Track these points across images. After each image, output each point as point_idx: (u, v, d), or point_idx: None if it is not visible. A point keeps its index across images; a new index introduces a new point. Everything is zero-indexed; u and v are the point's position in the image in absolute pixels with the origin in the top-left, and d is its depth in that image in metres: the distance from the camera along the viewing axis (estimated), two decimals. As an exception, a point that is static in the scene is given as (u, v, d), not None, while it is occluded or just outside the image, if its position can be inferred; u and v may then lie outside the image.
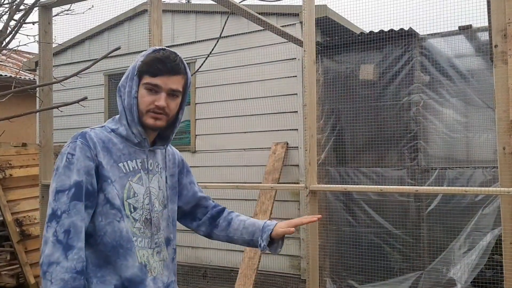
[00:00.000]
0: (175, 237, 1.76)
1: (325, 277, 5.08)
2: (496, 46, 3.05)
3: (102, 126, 1.63)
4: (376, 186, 3.73)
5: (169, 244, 1.71)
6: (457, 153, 4.74)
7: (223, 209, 1.88)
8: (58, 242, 1.43)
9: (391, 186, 3.84)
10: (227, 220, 1.85)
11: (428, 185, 4.63)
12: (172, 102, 1.59)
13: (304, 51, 2.84)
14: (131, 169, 1.60)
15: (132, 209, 1.56)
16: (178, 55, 1.61)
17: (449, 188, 3.41)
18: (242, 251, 5.08)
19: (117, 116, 1.65)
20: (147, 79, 1.56)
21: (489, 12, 3.14)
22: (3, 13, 3.16)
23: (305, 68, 2.80)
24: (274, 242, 1.77)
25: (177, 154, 1.83)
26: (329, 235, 5.15)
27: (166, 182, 1.71)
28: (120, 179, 1.56)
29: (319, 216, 1.87)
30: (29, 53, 12.40)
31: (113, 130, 1.61)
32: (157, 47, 1.62)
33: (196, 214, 1.88)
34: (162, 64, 1.55)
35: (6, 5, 3.13)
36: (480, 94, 4.53)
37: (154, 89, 1.56)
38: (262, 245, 1.74)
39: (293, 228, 1.74)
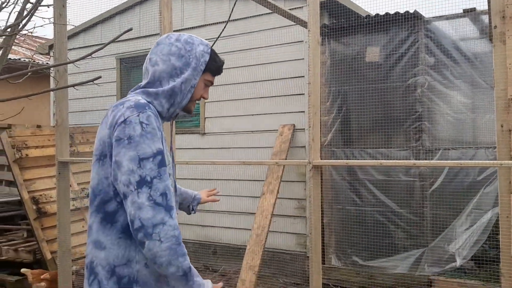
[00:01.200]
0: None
1: (330, 254, 5.23)
2: (495, 27, 3.14)
3: (140, 98, 1.66)
4: (376, 161, 3.86)
5: None
6: (460, 134, 4.84)
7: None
8: (157, 204, 1.48)
9: (390, 161, 3.96)
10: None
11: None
12: None
13: (309, 30, 2.95)
14: (165, 140, 1.71)
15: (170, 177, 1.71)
16: None
17: (446, 162, 3.53)
18: (250, 229, 5.24)
19: (151, 90, 1.68)
20: (209, 77, 1.77)
21: (489, -7, 3.21)
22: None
23: (309, 47, 2.92)
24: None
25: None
26: (334, 214, 5.29)
27: None
28: (165, 149, 1.68)
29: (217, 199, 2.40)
30: (41, 38, 12.58)
31: (149, 103, 1.66)
32: (210, 44, 1.78)
33: None
34: (222, 67, 1.79)
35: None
36: (484, 75, 4.61)
37: (208, 85, 1.79)
38: (192, 210, 2.24)
39: (218, 198, 2.40)
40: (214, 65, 1.75)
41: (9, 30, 3.21)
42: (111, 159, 1.56)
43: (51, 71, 4.89)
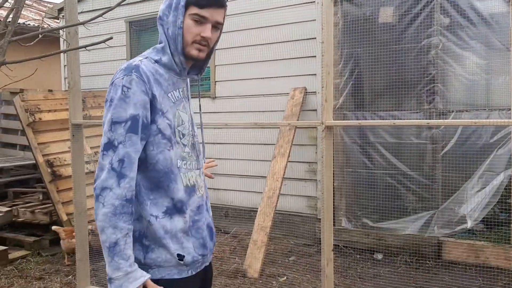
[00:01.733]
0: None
1: (341, 216, 5.29)
2: (515, -17, 3.06)
3: (146, 57, 1.66)
4: (389, 121, 3.84)
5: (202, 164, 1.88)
6: (474, 96, 4.78)
7: None
8: (112, 169, 1.53)
9: (403, 121, 3.94)
10: None
11: (444, 127, 4.71)
12: (214, 34, 1.65)
13: (322, -11, 2.89)
14: (177, 98, 1.69)
15: (181, 136, 1.68)
16: None
17: (460, 121, 3.51)
18: (261, 193, 5.30)
19: (159, 46, 1.68)
20: (194, 10, 1.59)
21: None
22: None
23: (323, 5, 2.87)
24: None
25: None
26: (345, 176, 5.32)
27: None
28: (171, 108, 1.65)
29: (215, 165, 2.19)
30: (49, 2, 12.49)
31: (157, 61, 1.65)
32: None
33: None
34: None
35: None
36: (500, 36, 4.51)
37: (201, 21, 1.59)
38: None
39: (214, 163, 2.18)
40: None
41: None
42: None
43: (61, 32, 4.87)
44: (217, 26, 1.64)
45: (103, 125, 1.59)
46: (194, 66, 1.77)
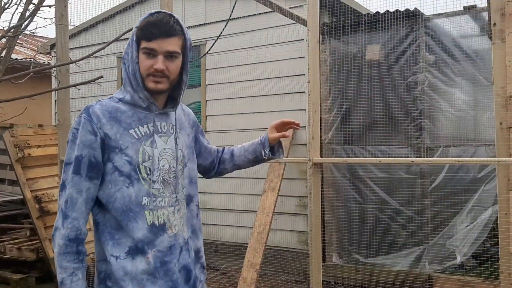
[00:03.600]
0: (196, 194, 1.84)
1: (332, 251, 5.25)
2: (494, 24, 3.16)
3: (110, 98, 1.70)
4: (374, 158, 3.89)
5: (191, 201, 1.80)
6: (461, 132, 4.85)
7: (223, 148, 2.06)
8: (61, 210, 1.60)
9: (388, 158, 4.00)
10: (230, 152, 2.02)
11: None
12: (171, 64, 1.63)
13: (308, 30, 2.97)
14: (143, 134, 1.65)
15: (148, 171, 1.63)
16: (173, 17, 1.63)
17: (444, 159, 3.56)
18: (251, 227, 5.27)
19: (123, 86, 1.71)
20: (144, 44, 1.61)
21: (488, -9, 3.23)
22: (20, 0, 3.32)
23: (309, 47, 2.94)
24: (274, 149, 1.97)
25: (191, 114, 1.92)
26: (335, 211, 5.31)
27: (182, 140, 1.78)
28: (133, 144, 1.62)
29: (298, 122, 2.00)
30: (43, 37, 12.62)
31: (120, 100, 1.67)
32: (153, 11, 1.65)
33: (213, 165, 2.02)
34: (155, 27, 1.59)
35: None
36: (484, 73, 4.62)
37: (151, 53, 1.60)
38: (266, 153, 1.93)
39: (288, 132, 1.93)
40: (141, 30, 1.61)
41: (12, 31, 3.24)
42: None
43: (53, 71, 4.91)
44: (172, 56, 1.63)
45: None
46: (169, 99, 1.75)
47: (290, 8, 5.32)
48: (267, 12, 5.61)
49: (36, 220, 5.52)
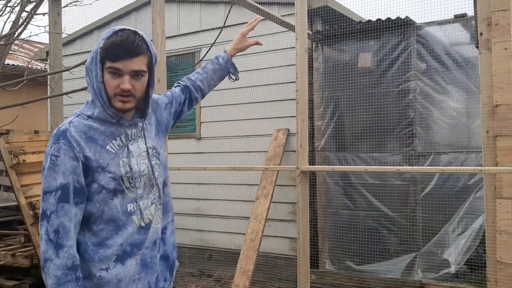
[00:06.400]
0: (168, 176, 1.90)
1: (325, 258, 5.27)
2: (481, 34, 3.20)
3: (78, 115, 1.67)
4: (361, 167, 3.92)
5: (166, 185, 1.87)
6: (452, 139, 4.88)
7: (187, 86, 2.11)
8: (50, 240, 1.54)
9: (374, 167, 4.03)
10: (197, 89, 2.13)
11: (423, 170, 4.78)
12: (137, 83, 1.63)
13: (296, 39, 3.01)
14: (118, 147, 1.68)
15: (131, 181, 1.68)
16: (137, 35, 1.62)
17: (430, 168, 3.59)
18: (245, 234, 5.28)
19: (90, 99, 1.70)
20: (108, 64, 1.59)
21: (475, 2, 3.27)
22: (15, 5, 3.35)
23: (297, 56, 2.97)
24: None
25: (151, 103, 1.85)
26: (328, 218, 5.33)
27: (149, 134, 1.80)
28: (113, 160, 1.65)
29: (258, 18, 2.38)
30: (40, 43, 12.65)
31: (89, 116, 1.66)
32: (116, 28, 1.62)
33: (191, 99, 2.11)
34: (120, 48, 1.57)
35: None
36: (474, 81, 4.65)
37: (117, 73, 1.59)
38: (234, 79, 2.31)
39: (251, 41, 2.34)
40: (105, 50, 1.59)
41: (4, 39, 3.27)
42: None
43: (46, 78, 4.95)
44: (138, 74, 1.63)
45: None
46: (137, 110, 1.76)
47: (283, 16, 5.37)
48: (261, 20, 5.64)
49: (30, 226, 5.52)
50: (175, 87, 2.10)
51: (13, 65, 9.30)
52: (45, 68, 9.28)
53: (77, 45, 7.38)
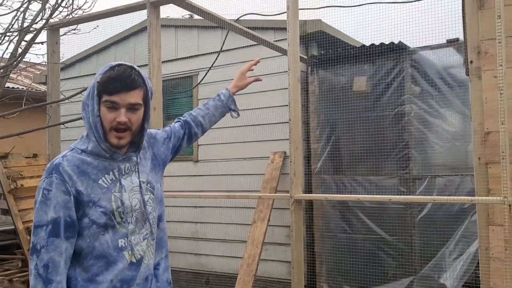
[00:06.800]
0: (164, 210, 1.90)
1: (322, 282, 5.25)
2: (471, 62, 3.25)
3: (72, 149, 1.71)
4: (353, 195, 3.95)
5: (161, 220, 1.87)
6: (446, 162, 4.91)
7: (188, 122, 2.14)
8: (39, 275, 1.55)
9: (367, 196, 4.05)
10: (199, 124, 2.16)
11: (419, 193, 4.80)
12: (133, 116, 1.67)
13: (289, 69, 3.06)
14: (110, 181, 1.69)
15: (122, 215, 1.69)
16: (134, 69, 1.68)
17: (421, 197, 3.62)
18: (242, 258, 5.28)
19: (85, 134, 1.73)
20: (105, 97, 1.63)
21: (464, 30, 3.33)
22: (12, 37, 3.42)
23: (289, 86, 3.02)
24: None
25: (147, 136, 1.89)
26: (325, 242, 5.33)
27: (144, 168, 1.82)
28: (104, 194, 1.66)
29: (258, 59, 2.50)
30: (40, 64, 12.75)
31: (83, 151, 1.69)
32: (113, 64, 1.69)
33: (190, 134, 2.14)
34: (117, 82, 1.63)
35: (15, 30, 3.39)
36: (468, 104, 4.70)
37: (113, 106, 1.63)
38: (235, 116, 2.38)
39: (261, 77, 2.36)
40: (102, 84, 1.63)
41: (1, 70, 3.32)
42: None
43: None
44: (134, 108, 1.67)
45: None
46: (131, 144, 1.77)
47: (279, 40, 5.45)
48: (257, 44, 5.73)
49: (27, 251, 5.53)
50: (175, 122, 2.14)
51: (12, 88, 9.39)
52: (45, 90, 9.35)
53: (76, 69, 7.46)
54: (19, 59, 3.46)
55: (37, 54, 4.53)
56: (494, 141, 3.13)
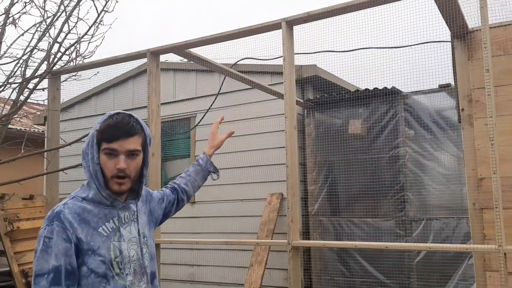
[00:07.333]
0: (156, 269, 1.90)
1: (321, 326, 5.19)
2: (463, 109, 3.34)
3: (73, 197, 1.71)
4: (351, 242, 3.98)
5: (154, 278, 1.86)
6: (442, 204, 4.94)
7: (174, 189, 2.18)
8: None
9: (364, 242, 4.07)
10: (183, 191, 2.21)
11: (416, 235, 4.81)
12: (132, 162, 1.70)
13: (286, 117, 3.13)
14: (110, 230, 1.70)
15: (120, 266, 1.68)
16: (132, 117, 1.71)
17: (417, 244, 3.64)
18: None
19: (86, 182, 1.74)
20: (105, 145, 1.66)
21: (455, 78, 3.44)
22: (15, 86, 3.50)
23: (286, 133, 3.08)
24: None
25: (145, 192, 1.93)
26: (323, 285, 5.29)
27: (141, 221, 1.84)
28: (104, 243, 1.67)
29: (222, 117, 2.56)
30: (39, 104, 12.89)
31: (84, 199, 1.70)
32: (112, 112, 1.72)
33: (178, 200, 2.17)
34: (116, 129, 1.66)
35: (17, 83, 3.47)
36: (462, 146, 4.77)
37: (113, 153, 1.66)
38: (215, 178, 2.44)
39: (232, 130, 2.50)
40: (101, 132, 1.67)
41: (3, 119, 3.39)
42: None
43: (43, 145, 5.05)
44: (133, 154, 1.70)
45: None
46: (131, 192, 1.79)
47: (275, 84, 5.58)
48: (254, 88, 5.85)
49: (22, 295, 5.45)
50: (164, 188, 2.19)
51: (10, 128, 9.46)
52: (43, 131, 9.42)
53: (76, 110, 7.55)
54: (20, 106, 3.53)
55: (38, 100, 4.59)
56: (488, 187, 3.18)
